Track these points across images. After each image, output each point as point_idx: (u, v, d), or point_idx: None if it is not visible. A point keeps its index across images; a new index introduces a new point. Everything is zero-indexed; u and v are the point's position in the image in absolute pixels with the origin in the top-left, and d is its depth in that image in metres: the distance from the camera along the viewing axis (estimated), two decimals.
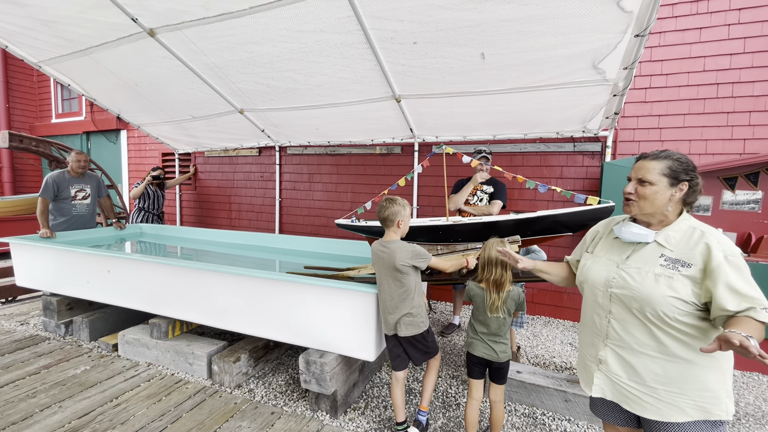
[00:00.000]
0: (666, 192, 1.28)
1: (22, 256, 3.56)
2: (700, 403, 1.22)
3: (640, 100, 3.77)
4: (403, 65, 3.06)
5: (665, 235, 1.29)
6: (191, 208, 6.33)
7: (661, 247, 1.28)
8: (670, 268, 1.23)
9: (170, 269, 2.81)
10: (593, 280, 1.42)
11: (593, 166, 3.89)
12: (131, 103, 4.51)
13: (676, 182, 1.27)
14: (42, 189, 3.74)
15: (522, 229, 2.34)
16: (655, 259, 1.28)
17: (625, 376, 1.33)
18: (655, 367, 1.27)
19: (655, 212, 1.31)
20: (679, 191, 1.28)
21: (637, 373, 1.30)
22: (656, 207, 1.29)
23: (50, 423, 2.19)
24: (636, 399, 1.31)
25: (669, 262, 1.25)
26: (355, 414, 2.39)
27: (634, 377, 1.31)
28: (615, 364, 1.36)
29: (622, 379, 1.34)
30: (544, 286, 4.19)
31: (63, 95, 7.80)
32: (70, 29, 3.22)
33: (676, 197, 1.28)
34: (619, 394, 1.36)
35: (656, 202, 1.29)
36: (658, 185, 1.28)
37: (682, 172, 1.27)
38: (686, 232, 1.27)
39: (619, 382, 1.35)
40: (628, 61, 2.51)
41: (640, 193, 1.31)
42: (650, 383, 1.28)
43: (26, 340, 3.28)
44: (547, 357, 3.22)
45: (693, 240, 1.24)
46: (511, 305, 1.94)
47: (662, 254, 1.27)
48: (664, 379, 1.26)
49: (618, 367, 1.35)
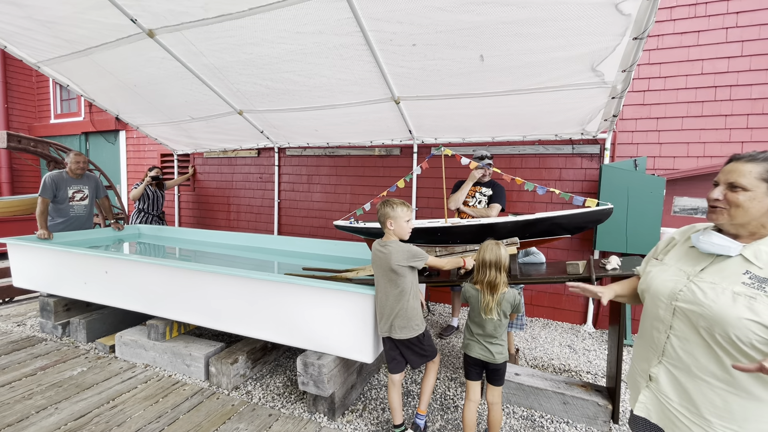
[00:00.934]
0: (764, 200, 1.09)
1: (19, 257, 3.55)
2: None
3: (639, 103, 3.78)
4: (402, 67, 3.07)
5: (755, 250, 1.10)
6: (190, 209, 6.32)
7: (748, 263, 1.10)
8: (755, 288, 1.05)
9: (168, 270, 2.81)
10: (656, 289, 1.26)
11: (592, 168, 3.89)
12: (130, 103, 4.51)
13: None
14: (41, 189, 3.73)
15: (520, 231, 2.34)
16: (737, 276, 1.10)
17: (677, 400, 1.19)
18: (716, 397, 1.11)
19: (749, 223, 1.12)
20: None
21: (692, 400, 1.15)
22: (750, 216, 1.11)
23: (46, 425, 2.18)
24: (683, 427, 1.17)
25: (755, 281, 1.06)
26: (353, 416, 2.38)
27: (686, 403, 1.17)
28: (667, 384, 1.22)
29: (673, 402, 1.20)
30: (543, 288, 4.19)
31: (62, 96, 7.79)
32: (69, 30, 3.22)
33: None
34: (665, 418, 1.22)
35: (751, 210, 1.10)
36: (754, 191, 1.09)
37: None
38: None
39: (668, 405, 1.21)
40: (626, 64, 2.52)
41: (730, 199, 1.13)
42: (705, 414, 1.12)
43: (23, 341, 3.26)
44: (545, 359, 3.21)
45: None
46: (506, 307, 1.94)
47: (748, 271, 1.09)
48: (724, 413, 1.10)
49: (670, 389, 1.21)
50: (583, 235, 3.93)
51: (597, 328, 3.94)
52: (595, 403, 2.30)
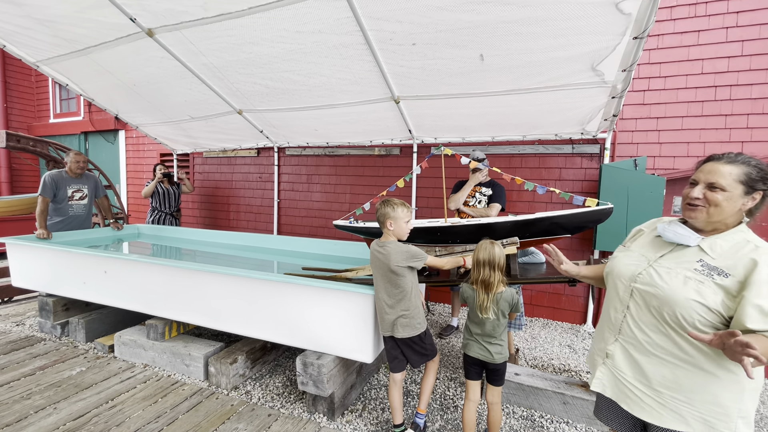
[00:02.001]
0: (738, 201, 1.16)
1: (18, 257, 3.55)
2: (706, 416, 1.16)
3: (639, 102, 3.78)
4: (402, 66, 3.06)
5: (711, 243, 1.20)
6: (189, 208, 6.32)
7: (703, 253, 1.20)
8: (704, 274, 1.15)
9: (167, 270, 2.80)
10: (619, 271, 1.35)
11: (592, 168, 3.89)
12: (129, 103, 4.50)
13: (751, 191, 1.16)
14: (41, 188, 3.72)
15: (520, 230, 2.33)
16: (691, 263, 1.20)
17: (630, 374, 1.29)
18: (666, 371, 1.21)
19: (721, 221, 1.20)
20: (752, 200, 1.17)
21: (644, 374, 1.25)
22: (725, 215, 1.18)
23: (45, 425, 2.18)
24: (636, 399, 1.27)
25: (706, 268, 1.16)
26: (352, 416, 2.37)
27: (639, 377, 1.27)
28: (622, 360, 1.31)
29: (626, 376, 1.30)
30: (543, 288, 4.18)
31: (61, 95, 7.78)
32: (69, 29, 3.21)
33: (747, 206, 1.18)
34: (619, 391, 1.32)
35: (726, 210, 1.17)
36: (731, 192, 1.16)
37: (759, 181, 1.15)
38: (738, 243, 1.17)
39: (622, 379, 1.31)
40: (626, 63, 2.52)
41: (710, 199, 1.18)
42: (656, 386, 1.23)
43: (22, 341, 3.26)
44: (545, 359, 3.21)
45: (743, 252, 1.14)
46: (504, 306, 1.93)
47: (701, 260, 1.19)
48: (672, 384, 1.20)
49: (624, 364, 1.30)
50: (583, 234, 3.93)
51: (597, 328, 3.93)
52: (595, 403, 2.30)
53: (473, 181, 3.23)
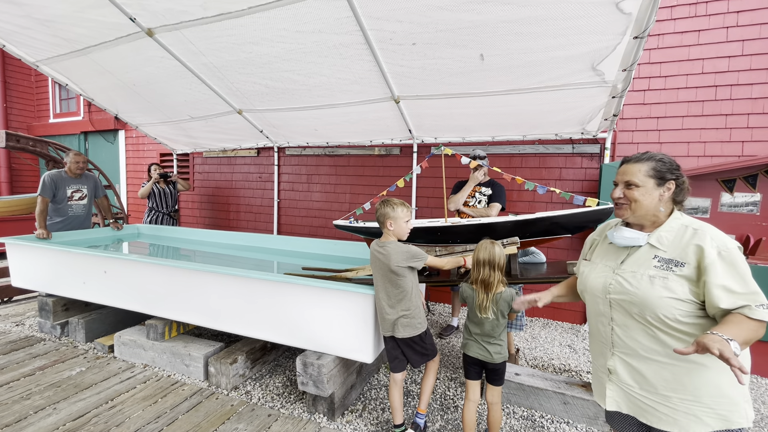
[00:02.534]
0: (654, 192, 1.27)
1: (18, 257, 3.54)
2: (719, 411, 1.15)
3: (639, 102, 3.78)
4: (402, 66, 3.06)
5: (657, 236, 1.27)
6: (189, 208, 6.31)
7: (654, 249, 1.26)
8: (664, 269, 1.21)
9: (167, 270, 2.80)
10: (592, 287, 1.39)
11: (592, 167, 3.88)
12: (129, 103, 4.50)
13: (662, 182, 1.27)
14: (40, 188, 3.72)
15: (520, 230, 2.33)
16: (649, 261, 1.25)
17: (637, 386, 1.27)
18: (665, 373, 1.21)
19: (647, 214, 1.29)
20: (667, 190, 1.27)
21: (648, 382, 1.24)
22: (647, 208, 1.28)
23: (44, 425, 2.17)
24: (651, 410, 1.24)
25: (662, 262, 1.22)
26: (352, 416, 2.37)
27: (645, 386, 1.25)
28: (625, 373, 1.30)
29: (635, 389, 1.28)
30: (543, 288, 4.17)
31: (61, 95, 7.78)
32: (68, 29, 3.20)
33: (666, 197, 1.28)
34: (634, 406, 1.29)
35: (645, 203, 1.28)
36: (645, 186, 1.27)
37: (666, 172, 1.27)
38: (678, 230, 1.25)
39: (632, 393, 1.29)
40: (626, 63, 2.51)
41: (629, 196, 1.30)
42: (662, 391, 1.21)
43: (21, 341, 3.26)
44: (545, 359, 3.21)
45: (686, 238, 1.22)
46: (504, 306, 1.93)
47: (655, 255, 1.25)
48: (676, 386, 1.19)
49: (628, 377, 1.29)
50: (583, 234, 3.91)
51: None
52: (595, 403, 2.30)
53: (473, 182, 3.22)
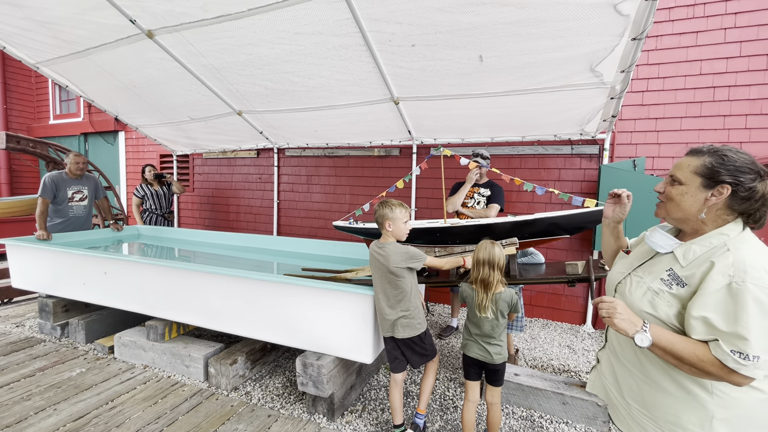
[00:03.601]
0: (698, 195, 1.04)
1: (18, 258, 3.55)
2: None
3: (638, 103, 3.79)
4: (402, 67, 3.07)
5: (685, 249, 1.07)
6: (189, 209, 6.32)
7: (675, 261, 1.08)
8: (666, 285, 1.07)
9: (167, 271, 2.80)
10: (610, 278, 1.33)
11: (591, 168, 3.89)
12: (129, 104, 4.51)
13: (712, 184, 1.02)
14: (41, 189, 3.72)
15: (519, 231, 2.34)
16: (660, 273, 1.10)
17: (611, 381, 1.29)
18: (632, 382, 1.18)
19: (686, 219, 1.08)
20: (717, 195, 1.02)
21: (618, 383, 1.25)
22: (685, 212, 1.07)
23: (45, 426, 2.18)
24: (614, 407, 1.28)
25: (671, 278, 1.06)
26: (352, 417, 2.38)
27: (616, 385, 1.26)
28: (606, 366, 1.32)
29: (608, 383, 1.30)
30: (542, 289, 4.19)
31: (61, 96, 7.79)
32: (69, 30, 3.21)
33: (712, 202, 1.03)
34: (606, 397, 1.34)
35: (683, 205, 1.07)
36: (688, 185, 1.06)
37: (723, 173, 1.01)
38: (714, 248, 1.02)
39: (606, 385, 1.32)
40: (625, 65, 2.52)
41: (667, 193, 1.11)
42: (626, 397, 1.20)
43: (21, 342, 3.26)
44: (545, 359, 3.21)
45: (710, 257, 1.01)
46: (503, 306, 1.94)
47: (670, 268, 1.08)
48: (638, 398, 1.16)
49: (607, 371, 1.31)
50: (582, 235, 3.93)
51: (596, 329, 3.94)
52: (594, 403, 2.30)
53: (468, 183, 3.23)
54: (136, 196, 4.96)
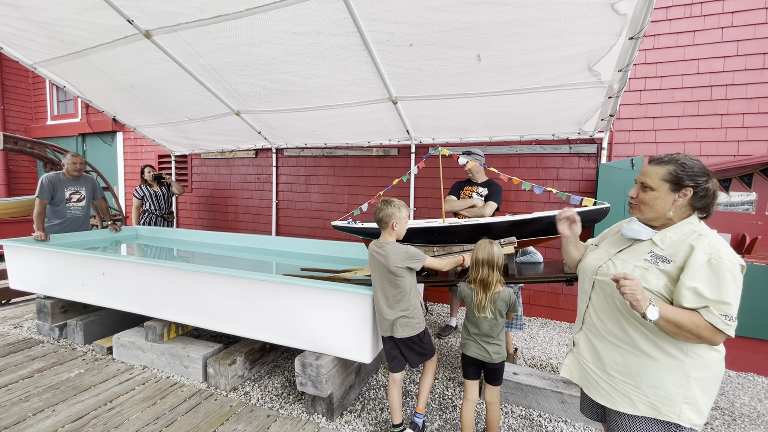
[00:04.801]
0: (667, 197, 1.27)
1: (16, 259, 3.54)
2: (652, 400, 1.24)
3: (635, 102, 3.80)
4: (400, 67, 3.07)
5: (662, 235, 1.30)
6: (188, 210, 6.31)
7: (654, 245, 1.30)
8: (651, 263, 1.26)
9: (165, 271, 2.80)
10: (585, 266, 1.48)
11: (589, 167, 3.90)
12: (127, 104, 4.50)
13: (677, 188, 1.26)
14: (38, 190, 3.71)
15: (517, 230, 2.34)
16: (642, 254, 1.30)
17: (591, 359, 1.41)
18: (617, 355, 1.32)
19: (657, 217, 1.31)
20: (682, 197, 1.26)
21: (600, 359, 1.37)
22: (657, 212, 1.30)
23: (43, 427, 2.17)
24: (595, 384, 1.38)
25: (653, 257, 1.27)
26: (351, 416, 2.38)
27: (597, 362, 1.38)
28: (584, 347, 1.44)
29: (588, 362, 1.41)
30: (541, 288, 4.20)
31: (58, 97, 7.76)
32: (66, 31, 3.20)
33: (679, 203, 1.27)
34: (583, 377, 1.44)
35: (656, 207, 1.29)
36: (658, 191, 1.28)
37: (685, 178, 1.25)
38: (685, 234, 1.26)
39: (584, 365, 1.43)
40: (622, 64, 2.53)
41: (641, 198, 1.32)
42: (609, 370, 1.34)
43: (19, 344, 3.25)
44: (543, 358, 3.22)
45: (687, 241, 1.24)
46: (501, 306, 1.94)
47: (651, 251, 1.29)
48: (623, 369, 1.30)
49: (586, 351, 1.43)
50: (581, 234, 3.94)
51: None
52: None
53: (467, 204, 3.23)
54: (135, 197, 4.96)
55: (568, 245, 1.66)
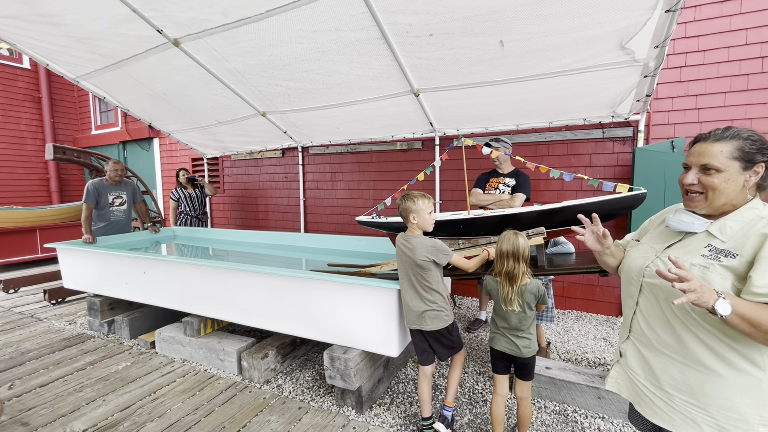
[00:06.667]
0: (738, 178, 1.07)
1: (68, 260, 3.81)
2: (722, 423, 1.05)
3: (675, 80, 3.55)
4: (420, 58, 3.03)
5: (720, 225, 1.10)
6: (221, 210, 6.55)
7: (711, 237, 1.10)
8: (711, 258, 1.06)
9: (200, 269, 2.92)
10: (628, 267, 1.29)
11: (624, 152, 3.70)
12: (161, 111, 4.71)
13: (749, 165, 1.06)
14: (85, 196, 3.99)
15: (546, 220, 2.25)
16: (699, 249, 1.10)
17: (642, 373, 1.22)
18: (674, 371, 1.13)
19: (727, 203, 1.10)
20: (754, 175, 1.07)
21: (654, 373, 1.18)
22: (729, 197, 1.09)
23: (95, 415, 2.34)
24: (648, 402, 1.20)
25: (713, 252, 1.07)
26: (380, 409, 2.39)
27: (650, 377, 1.20)
28: (633, 359, 1.25)
29: (638, 376, 1.23)
30: (575, 279, 4.04)
31: (101, 108, 8.25)
32: (103, 44, 3.39)
33: (751, 182, 1.07)
34: (633, 392, 1.26)
35: (727, 191, 1.08)
36: (727, 171, 1.07)
37: (756, 152, 1.06)
38: (750, 222, 1.05)
39: (634, 379, 1.25)
40: (659, 39, 2.37)
41: (706, 183, 1.09)
42: (666, 387, 1.15)
43: (74, 338, 3.51)
44: (579, 352, 3.10)
45: (754, 230, 1.03)
46: (530, 299, 1.88)
47: (709, 244, 1.09)
48: (682, 386, 1.11)
49: (636, 363, 1.24)
50: (616, 222, 3.75)
51: None
52: None
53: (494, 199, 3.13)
54: (172, 200, 5.22)
55: (603, 257, 1.43)
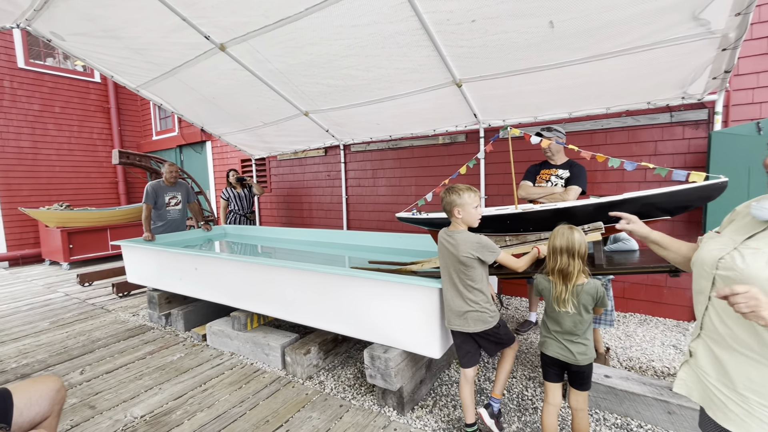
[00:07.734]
0: None
1: (130, 257, 4.11)
2: None
3: (761, 53, 3.10)
4: (462, 47, 2.89)
5: None
6: (268, 209, 6.79)
7: None
8: None
9: (246, 266, 3.01)
10: (702, 258, 1.17)
11: (698, 137, 3.30)
12: (211, 115, 4.95)
13: None
14: (144, 197, 4.29)
15: (604, 214, 2.04)
16: None
17: (714, 374, 1.11)
18: (752, 371, 1.02)
19: None
20: None
21: (728, 374, 1.07)
22: None
23: (152, 402, 2.48)
24: (721, 405, 1.09)
25: None
26: (422, 412, 2.31)
27: (723, 378, 1.09)
28: (705, 358, 1.14)
29: (710, 377, 1.12)
30: (638, 279, 3.68)
31: (160, 115, 8.89)
32: (157, 53, 3.61)
33: None
34: (704, 396, 1.15)
35: None
36: None
37: None
38: None
39: (705, 381, 1.13)
40: (741, 6, 2.06)
41: None
42: (741, 390, 1.04)
43: (136, 329, 3.78)
44: (644, 360, 2.81)
45: None
46: (587, 300, 1.69)
47: None
48: (760, 388, 1.01)
49: (707, 363, 1.13)
50: (689, 216, 3.36)
51: None
52: None
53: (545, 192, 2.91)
54: (222, 199, 5.48)
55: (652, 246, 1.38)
